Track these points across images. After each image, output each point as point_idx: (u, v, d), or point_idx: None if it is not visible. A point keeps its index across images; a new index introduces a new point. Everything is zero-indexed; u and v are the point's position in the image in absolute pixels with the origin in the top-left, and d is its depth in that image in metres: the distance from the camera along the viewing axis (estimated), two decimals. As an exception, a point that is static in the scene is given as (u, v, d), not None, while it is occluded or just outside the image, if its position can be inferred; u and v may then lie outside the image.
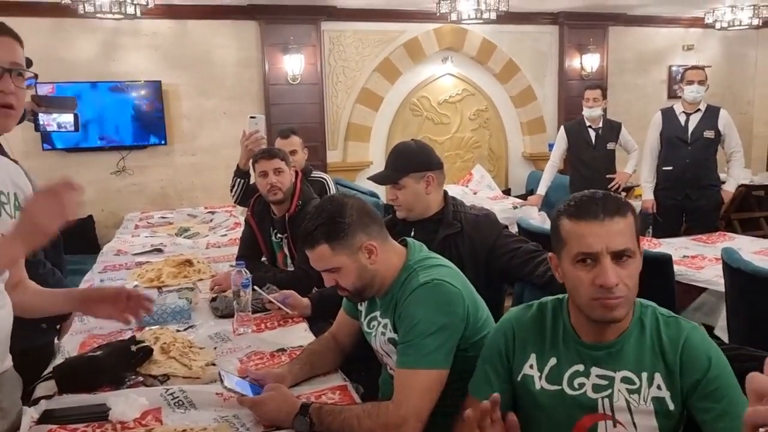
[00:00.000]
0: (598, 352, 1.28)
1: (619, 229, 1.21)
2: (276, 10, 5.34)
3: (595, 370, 1.28)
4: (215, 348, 1.96)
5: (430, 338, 1.47)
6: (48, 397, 1.60)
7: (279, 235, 2.85)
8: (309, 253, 1.58)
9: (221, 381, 1.53)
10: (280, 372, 1.66)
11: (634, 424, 1.24)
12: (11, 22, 4.61)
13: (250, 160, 3.00)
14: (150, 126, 5.32)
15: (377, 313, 1.68)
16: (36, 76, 1.43)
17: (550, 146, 5.51)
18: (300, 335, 2.09)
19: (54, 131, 4.72)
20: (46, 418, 1.50)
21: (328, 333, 1.90)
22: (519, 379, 1.35)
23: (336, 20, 5.63)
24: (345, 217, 1.54)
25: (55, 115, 3.96)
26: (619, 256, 1.21)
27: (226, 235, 3.91)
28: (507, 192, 6.19)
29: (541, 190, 4.94)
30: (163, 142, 5.37)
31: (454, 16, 5.35)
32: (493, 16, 5.28)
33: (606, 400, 1.26)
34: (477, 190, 5.89)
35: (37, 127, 4.48)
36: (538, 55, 6.36)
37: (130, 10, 4.41)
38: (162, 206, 5.24)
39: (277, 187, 2.70)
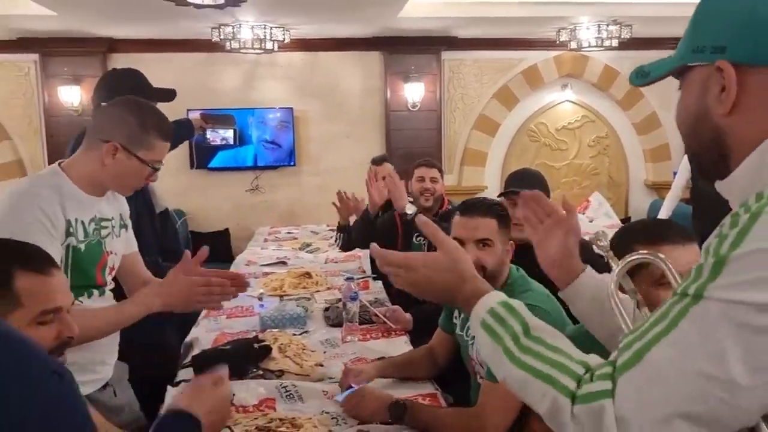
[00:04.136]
0: None
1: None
2: (399, 42, 5.66)
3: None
4: (324, 352, 2.20)
5: None
6: (187, 381, 1.91)
7: (419, 238, 3.14)
8: (474, 220, 1.80)
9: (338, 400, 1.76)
10: (357, 368, 1.88)
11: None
12: (173, 57, 5.30)
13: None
14: (282, 148, 5.82)
15: None
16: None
17: (675, 174, 5.33)
18: (401, 347, 2.28)
19: (217, 144, 5.44)
20: (185, 397, 1.81)
21: (427, 345, 2.09)
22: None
23: (456, 50, 5.85)
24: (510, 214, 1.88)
25: (220, 131, 4.59)
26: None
27: (343, 251, 4.21)
28: (626, 221, 6.04)
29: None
30: (292, 163, 5.85)
31: (573, 44, 5.40)
32: (615, 43, 5.26)
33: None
34: (594, 218, 5.81)
35: (204, 141, 5.23)
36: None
37: (269, 45, 4.94)
38: (289, 222, 5.68)
39: (429, 192, 3.18)
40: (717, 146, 0.79)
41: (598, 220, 5.74)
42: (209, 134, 5.20)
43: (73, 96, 5.46)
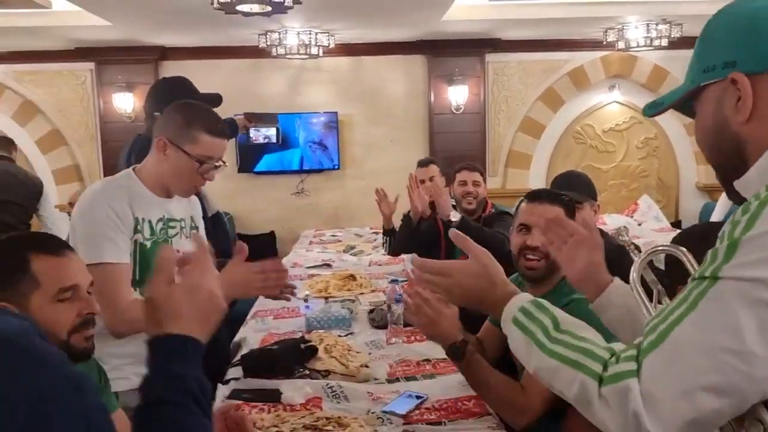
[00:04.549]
0: None
1: None
2: (443, 45, 5.66)
3: None
4: (369, 353, 2.23)
5: None
6: (236, 379, 1.97)
7: None
8: (543, 206, 1.81)
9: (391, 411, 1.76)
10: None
11: None
12: (221, 63, 5.42)
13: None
14: (326, 152, 5.89)
15: None
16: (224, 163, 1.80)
17: (728, 177, 5.18)
18: (445, 349, 2.29)
19: (262, 146, 5.58)
20: (234, 395, 1.86)
21: (477, 335, 2.07)
22: None
23: (500, 52, 5.82)
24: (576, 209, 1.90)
25: (262, 130, 4.71)
26: None
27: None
28: (676, 224, 5.88)
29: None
30: (337, 166, 5.91)
31: (621, 45, 5.29)
32: (665, 43, 5.14)
33: None
34: (642, 221, 5.67)
35: (248, 140, 5.39)
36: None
37: (314, 50, 5.02)
38: (333, 225, 5.74)
39: (472, 195, 3.19)
40: (738, 153, 0.86)
41: (647, 224, 5.61)
42: (252, 133, 5.30)
43: (126, 103, 5.66)
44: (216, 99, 2.61)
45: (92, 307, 1.22)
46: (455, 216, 3.03)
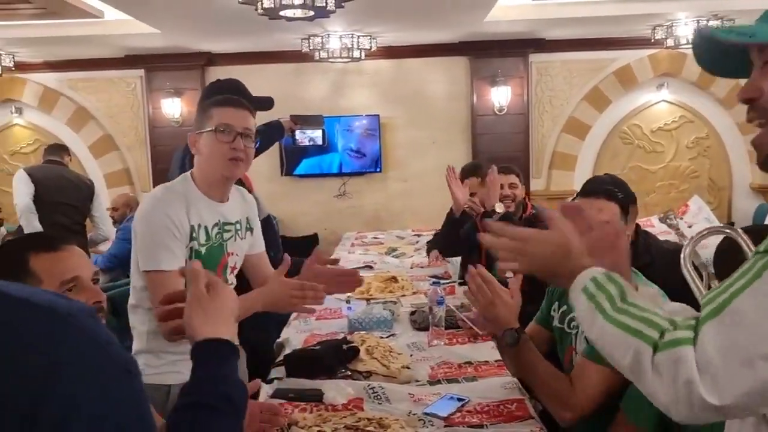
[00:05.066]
0: None
1: None
2: (485, 46, 5.63)
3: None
4: (411, 355, 2.22)
5: None
6: (279, 379, 1.99)
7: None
8: (599, 201, 1.80)
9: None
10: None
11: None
12: (265, 68, 5.48)
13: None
14: (369, 155, 5.91)
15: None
16: (259, 141, 1.84)
17: (784, 177, 4.99)
18: (487, 352, 2.27)
19: (305, 145, 5.68)
20: (277, 394, 1.88)
21: None
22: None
23: (544, 51, 5.74)
24: (634, 204, 1.87)
25: (308, 132, 4.76)
26: None
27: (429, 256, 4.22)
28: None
29: (768, 225, 4.50)
30: (378, 169, 5.93)
31: (670, 42, 5.16)
32: (716, 39, 4.98)
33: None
34: (692, 223, 5.48)
35: (294, 142, 5.46)
36: None
37: (356, 54, 5.06)
38: (375, 227, 5.76)
39: (509, 198, 3.14)
40: None
41: (698, 225, 5.42)
42: (298, 135, 5.37)
43: (174, 108, 5.81)
44: (268, 102, 2.64)
45: (98, 296, 1.24)
46: (500, 207, 2.97)
